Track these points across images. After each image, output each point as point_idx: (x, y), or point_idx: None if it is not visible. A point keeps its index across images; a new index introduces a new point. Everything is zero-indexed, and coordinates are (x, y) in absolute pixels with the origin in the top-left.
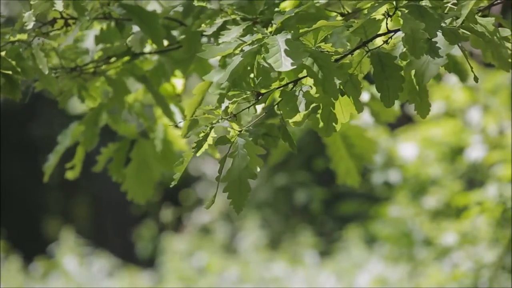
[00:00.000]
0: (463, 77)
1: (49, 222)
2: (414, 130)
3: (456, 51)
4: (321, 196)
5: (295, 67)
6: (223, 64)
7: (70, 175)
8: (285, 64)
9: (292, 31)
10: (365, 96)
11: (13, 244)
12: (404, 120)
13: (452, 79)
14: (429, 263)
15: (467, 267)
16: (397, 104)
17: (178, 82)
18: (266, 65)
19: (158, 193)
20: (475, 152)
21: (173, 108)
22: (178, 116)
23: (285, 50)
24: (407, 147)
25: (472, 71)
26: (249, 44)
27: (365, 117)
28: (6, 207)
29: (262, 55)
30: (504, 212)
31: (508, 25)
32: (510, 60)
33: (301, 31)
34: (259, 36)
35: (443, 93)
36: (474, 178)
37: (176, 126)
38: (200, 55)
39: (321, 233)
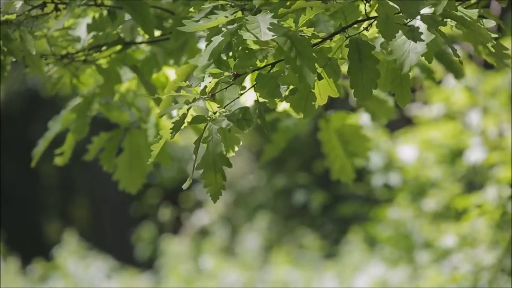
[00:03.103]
0: (458, 76)
1: (48, 223)
2: (414, 132)
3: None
4: (320, 198)
5: (275, 37)
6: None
7: (59, 161)
8: (265, 34)
9: (273, 13)
10: None
11: (12, 246)
12: (404, 122)
13: (451, 81)
14: (429, 266)
15: (466, 270)
16: (391, 101)
17: (171, 72)
18: (246, 36)
19: (157, 194)
20: (475, 154)
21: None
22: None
23: (264, 26)
24: (407, 149)
25: (460, 60)
26: (229, 21)
27: (365, 118)
28: (5, 209)
29: (242, 28)
30: (504, 215)
31: (507, 28)
32: (493, 50)
33: (280, 12)
34: (239, 14)
35: (442, 95)
36: (474, 180)
37: (163, 115)
38: (180, 29)
39: (321, 236)
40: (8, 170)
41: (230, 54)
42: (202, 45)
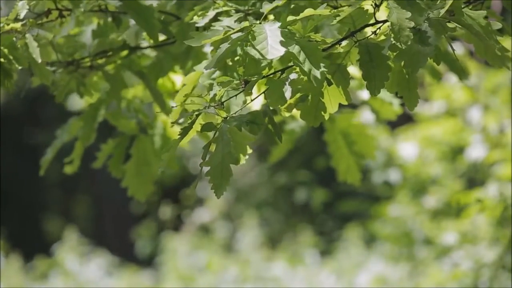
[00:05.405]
0: (461, 76)
1: (49, 221)
2: (414, 130)
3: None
4: (321, 196)
5: (281, 54)
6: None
7: (68, 169)
8: (271, 52)
9: (281, 20)
10: (365, 95)
11: (14, 243)
12: (404, 120)
13: (452, 78)
14: (429, 263)
15: (467, 267)
16: (397, 103)
17: (177, 78)
18: (253, 53)
19: (158, 192)
20: (476, 151)
21: (172, 104)
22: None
23: (272, 38)
24: (407, 147)
25: (458, 60)
26: (236, 32)
27: (366, 115)
28: (7, 206)
29: (249, 43)
30: (504, 211)
31: (507, 26)
32: (499, 54)
33: (288, 19)
34: (246, 23)
35: (443, 92)
36: (475, 178)
37: (174, 124)
38: (188, 42)
39: (321, 232)
40: (10, 168)
41: (236, 59)
42: (207, 48)
